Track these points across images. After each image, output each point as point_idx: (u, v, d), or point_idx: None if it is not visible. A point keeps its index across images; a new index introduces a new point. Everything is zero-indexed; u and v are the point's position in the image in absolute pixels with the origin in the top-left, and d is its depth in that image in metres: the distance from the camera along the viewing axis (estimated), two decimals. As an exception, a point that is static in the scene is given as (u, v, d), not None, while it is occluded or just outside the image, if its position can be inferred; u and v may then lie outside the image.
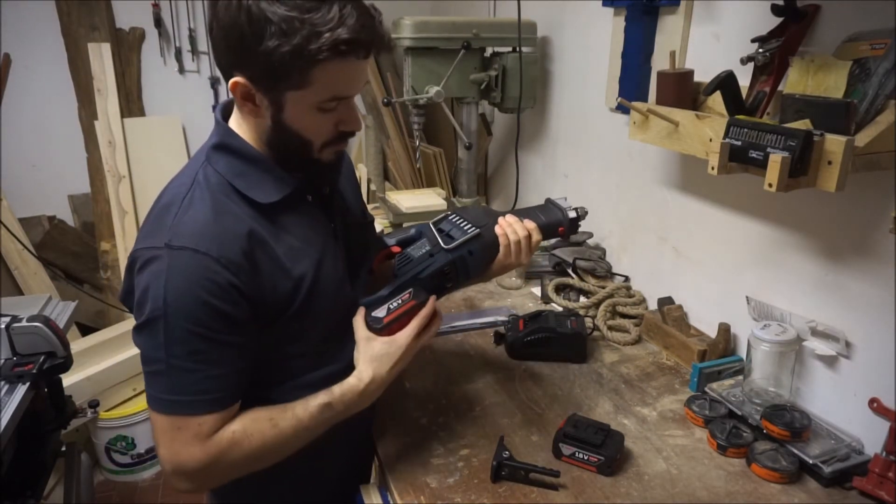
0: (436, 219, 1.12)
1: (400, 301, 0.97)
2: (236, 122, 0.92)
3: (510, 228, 1.08)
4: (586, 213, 1.16)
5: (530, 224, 1.10)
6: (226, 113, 0.94)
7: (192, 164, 0.92)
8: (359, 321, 0.97)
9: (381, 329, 0.95)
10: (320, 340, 0.97)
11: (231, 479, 0.89)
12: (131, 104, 2.73)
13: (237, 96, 0.84)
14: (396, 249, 1.09)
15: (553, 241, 1.81)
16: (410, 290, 0.98)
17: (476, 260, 1.04)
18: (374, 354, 0.94)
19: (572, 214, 1.14)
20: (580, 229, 1.23)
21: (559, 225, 1.14)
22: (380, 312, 0.96)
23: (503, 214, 1.11)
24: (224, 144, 0.90)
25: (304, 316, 0.92)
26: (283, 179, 0.91)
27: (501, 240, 1.07)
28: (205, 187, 0.87)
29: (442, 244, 1.03)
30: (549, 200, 1.18)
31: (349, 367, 0.97)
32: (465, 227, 1.06)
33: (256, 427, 0.87)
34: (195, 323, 0.80)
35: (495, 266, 1.09)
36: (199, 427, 0.82)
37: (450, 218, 1.11)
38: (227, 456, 0.84)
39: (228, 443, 0.84)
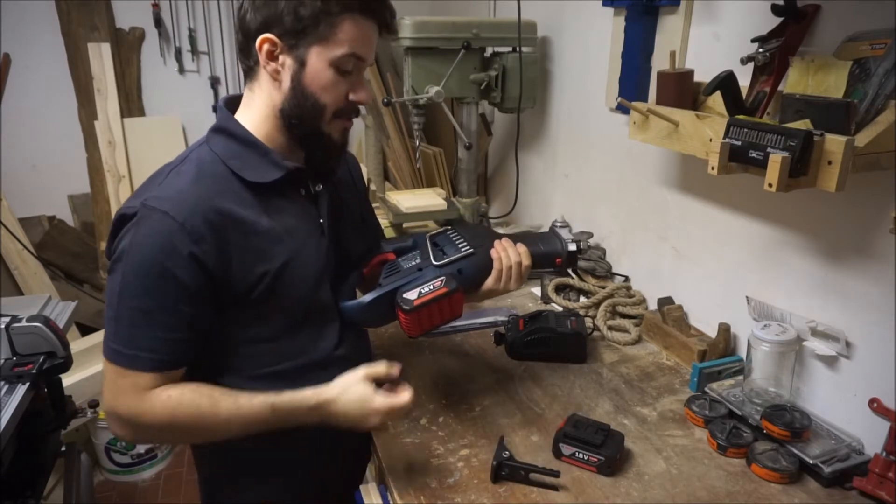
0: (435, 231, 1.12)
1: (432, 287, 0.97)
2: (242, 113, 0.96)
3: (504, 253, 1.06)
4: (589, 245, 1.12)
5: (522, 248, 1.07)
6: (231, 107, 0.98)
7: (191, 146, 0.97)
8: (368, 370, 0.94)
9: (410, 311, 0.95)
10: (280, 330, 0.96)
11: (161, 440, 0.93)
12: (131, 104, 2.73)
13: (263, 56, 0.88)
14: (391, 257, 1.09)
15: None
16: (443, 277, 0.99)
17: (465, 279, 1.02)
18: (354, 393, 0.91)
19: (572, 247, 1.10)
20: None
21: (556, 256, 1.11)
22: (411, 295, 0.97)
23: (502, 237, 1.09)
24: (223, 128, 0.94)
25: (266, 301, 0.92)
26: (276, 164, 0.93)
27: (495, 264, 1.05)
28: (195, 163, 0.91)
29: (432, 259, 1.02)
30: (552, 229, 1.14)
31: (303, 370, 0.97)
32: (460, 245, 1.04)
33: (193, 398, 0.88)
34: (149, 282, 0.84)
35: (483, 289, 1.07)
36: (136, 381, 0.86)
37: (448, 233, 1.10)
38: (158, 415, 0.87)
39: (161, 404, 0.87)
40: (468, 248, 1.04)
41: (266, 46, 0.87)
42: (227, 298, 0.90)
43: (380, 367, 0.94)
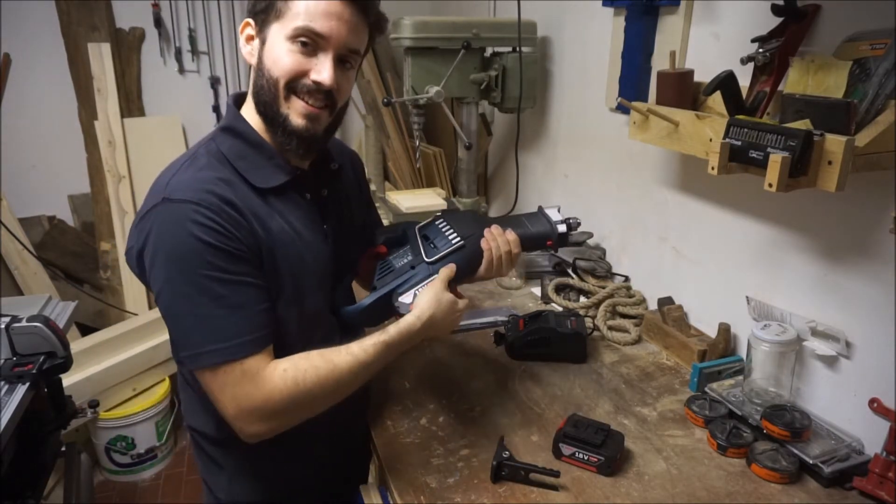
0: (423, 223, 1.10)
1: (426, 286, 0.98)
2: (246, 109, 0.95)
3: (494, 242, 1.06)
4: (579, 224, 1.13)
5: (512, 236, 1.08)
6: (238, 103, 0.97)
7: (196, 143, 0.96)
8: (445, 272, 1.00)
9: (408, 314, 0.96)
10: (280, 339, 0.92)
11: (301, 415, 0.88)
12: (131, 104, 2.74)
13: (243, 40, 0.93)
14: (383, 250, 1.08)
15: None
16: (436, 276, 0.99)
17: (458, 273, 1.03)
18: (445, 302, 0.97)
19: (562, 228, 1.11)
20: (580, 229, 1.22)
21: (547, 238, 1.11)
22: (407, 298, 0.98)
23: (490, 224, 1.09)
24: (231, 127, 0.93)
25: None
26: (282, 168, 0.93)
27: (486, 254, 1.06)
28: (204, 155, 0.91)
29: (424, 256, 1.02)
30: (540, 209, 1.14)
31: None
32: (451, 237, 1.04)
33: (309, 363, 0.87)
34: (205, 266, 0.81)
35: (474, 277, 1.08)
36: (244, 368, 0.83)
37: (437, 224, 1.08)
38: (284, 390, 0.84)
39: (281, 379, 0.84)
40: (458, 239, 1.03)
41: (247, 31, 0.91)
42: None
43: (447, 272, 1.00)
